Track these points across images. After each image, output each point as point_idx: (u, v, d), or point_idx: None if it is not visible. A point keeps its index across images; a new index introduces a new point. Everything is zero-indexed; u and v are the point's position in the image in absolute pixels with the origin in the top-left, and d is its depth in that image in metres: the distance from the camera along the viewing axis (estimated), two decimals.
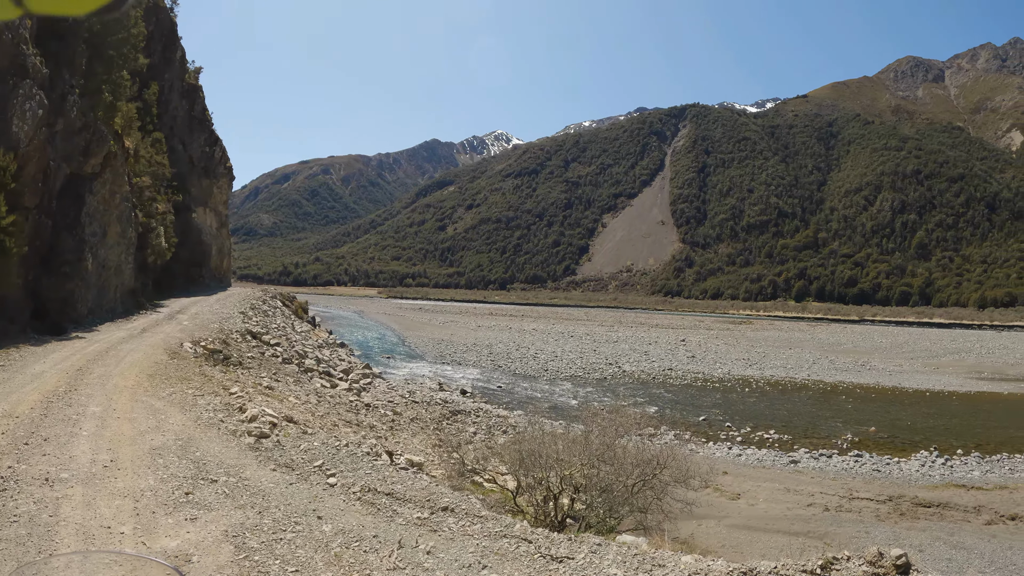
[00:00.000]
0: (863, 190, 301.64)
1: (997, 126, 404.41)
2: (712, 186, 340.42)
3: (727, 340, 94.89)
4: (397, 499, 10.39)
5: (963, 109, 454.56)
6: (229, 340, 26.74)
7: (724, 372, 59.70)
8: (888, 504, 24.17)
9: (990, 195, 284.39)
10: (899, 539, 20.06)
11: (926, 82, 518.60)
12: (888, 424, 39.82)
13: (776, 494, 24.50)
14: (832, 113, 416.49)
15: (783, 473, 28.05)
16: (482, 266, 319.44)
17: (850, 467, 29.52)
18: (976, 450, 33.87)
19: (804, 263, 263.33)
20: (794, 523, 21.33)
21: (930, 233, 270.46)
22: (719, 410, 41.64)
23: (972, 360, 79.47)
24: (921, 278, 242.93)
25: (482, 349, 69.50)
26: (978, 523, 22.94)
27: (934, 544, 20.11)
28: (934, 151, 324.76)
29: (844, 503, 23.94)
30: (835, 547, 18.04)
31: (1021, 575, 18.19)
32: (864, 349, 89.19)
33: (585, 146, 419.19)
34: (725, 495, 23.86)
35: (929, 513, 23.54)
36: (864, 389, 54.07)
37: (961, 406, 48.49)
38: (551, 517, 14.31)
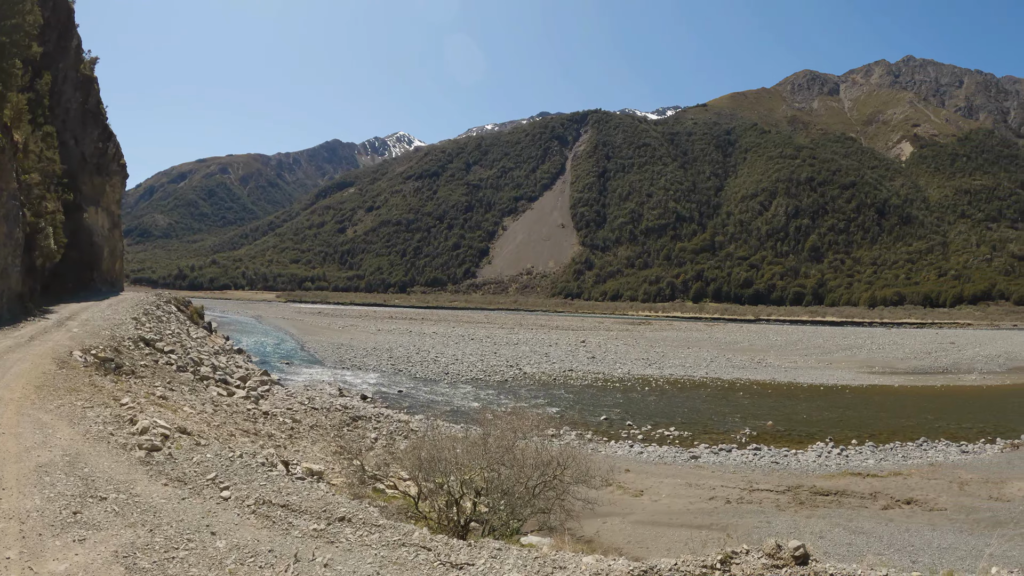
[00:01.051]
0: (759, 196, 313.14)
1: (888, 137, 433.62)
2: (612, 190, 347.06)
3: (627, 341, 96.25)
4: (293, 511, 10.04)
5: (856, 121, 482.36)
6: (121, 348, 25.58)
7: (624, 372, 60.46)
8: (788, 494, 24.92)
9: (880, 201, 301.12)
10: (799, 527, 20.69)
11: (822, 95, 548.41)
12: (785, 418, 41.20)
13: (678, 489, 24.91)
14: (730, 122, 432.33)
15: (684, 469, 28.58)
16: (382, 269, 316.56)
17: (749, 460, 30.35)
18: (870, 440, 35.53)
19: (701, 265, 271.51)
20: (697, 516, 21.72)
21: (823, 237, 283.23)
22: (620, 409, 42.12)
23: (863, 356, 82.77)
24: (814, 279, 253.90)
25: (382, 353, 68.65)
26: (875, 508, 23.89)
27: (834, 530, 20.79)
28: (827, 160, 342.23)
29: (745, 495, 24.54)
30: (737, 538, 18.43)
31: (918, 556, 18.98)
32: (760, 347, 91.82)
33: (487, 149, 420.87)
34: (628, 492, 24.09)
35: (828, 501, 24.38)
36: (761, 385, 55.71)
37: (854, 399, 50.52)
38: (454, 522, 14.12)
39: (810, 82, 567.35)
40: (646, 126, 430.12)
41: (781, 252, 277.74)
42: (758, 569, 8.35)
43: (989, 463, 31.38)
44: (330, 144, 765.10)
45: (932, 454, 32.85)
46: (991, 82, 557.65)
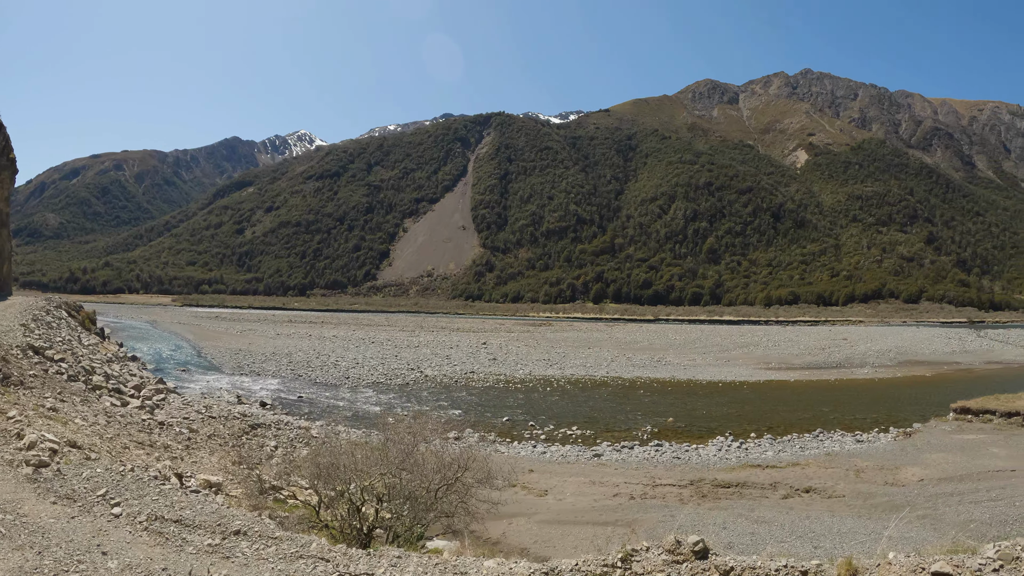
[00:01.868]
0: (658, 199, 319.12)
1: (784, 145, 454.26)
2: (514, 193, 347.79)
3: (528, 342, 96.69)
4: (187, 526, 9.61)
5: (754, 129, 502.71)
6: (8, 356, 24.25)
7: (526, 373, 60.72)
8: (690, 488, 25.36)
9: (775, 206, 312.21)
10: (703, 519, 20.96)
11: (722, 103, 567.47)
12: (685, 414, 42.04)
13: (583, 487, 25.03)
14: (632, 127, 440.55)
15: (588, 467, 28.76)
16: (281, 271, 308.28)
17: (652, 456, 30.75)
18: (768, 432, 36.64)
19: (601, 267, 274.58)
20: (602, 513, 21.83)
21: (720, 239, 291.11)
22: (522, 410, 42.27)
23: (760, 352, 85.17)
24: (712, 280, 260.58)
25: (282, 358, 67.27)
26: (775, 498, 24.59)
27: (737, 521, 21.19)
28: (726, 166, 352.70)
29: (648, 490, 24.84)
30: (642, 533, 18.57)
31: (820, 542, 19.50)
32: (660, 346, 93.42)
33: (389, 150, 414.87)
34: (533, 492, 24.09)
35: (729, 493, 24.92)
36: (661, 383, 56.73)
37: (752, 394, 52.03)
38: (357, 529, 13.81)
39: (711, 91, 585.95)
40: (549, 130, 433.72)
41: (680, 254, 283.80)
42: (659, 566, 8.36)
43: (884, 451, 32.73)
44: (229, 142, 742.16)
45: (829, 444, 34.12)
46: (884, 95, 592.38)
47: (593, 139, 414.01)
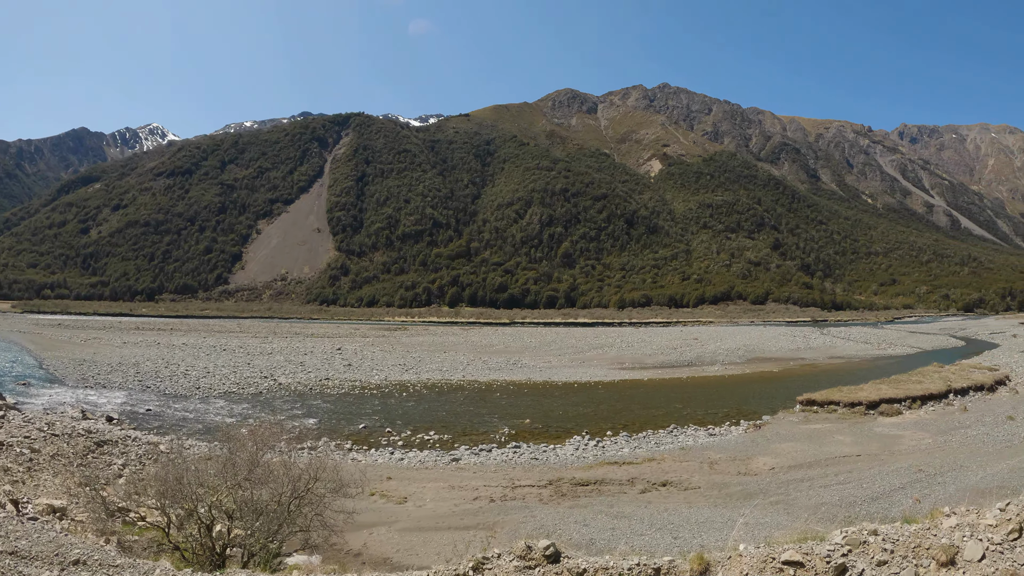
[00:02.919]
0: (515, 204, 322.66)
1: (640, 155, 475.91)
2: (370, 195, 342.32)
3: (383, 347, 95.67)
4: (23, 558, 8.80)
5: (611, 139, 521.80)
6: None
7: (382, 378, 59.96)
8: (550, 487, 25.49)
9: (629, 212, 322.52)
10: (564, 518, 21.10)
11: (581, 112, 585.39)
12: (542, 415, 42.42)
13: (442, 492, 24.76)
14: (491, 132, 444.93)
15: (447, 471, 28.50)
16: (129, 275, 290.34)
17: (510, 458, 30.86)
18: (624, 430, 37.42)
19: (457, 271, 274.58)
20: (463, 518, 21.63)
21: (575, 244, 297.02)
22: (379, 416, 41.58)
23: (614, 353, 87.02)
24: (567, 283, 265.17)
25: (129, 368, 63.88)
26: (634, 493, 25.05)
27: (597, 517, 21.38)
28: (582, 173, 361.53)
29: (508, 492, 24.82)
30: (503, 536, 18.56)
31: (679, 532, 19.94)
32: (515, 349, 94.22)
33: (245, 147, 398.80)
34: (392, 500, 23.63)
35: (588, 490, 25.19)
36: (517, 385, 57.12)
37: (607, 393, 53.07)
38: (210, 549, 13.08)
39: (571, 100, 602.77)
40: (408, 132, 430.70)
41: (535, 258, 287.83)
42: (511, 572, 8.24)
43: (736, 443, 34.06)
44: (77, 132, 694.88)
45: (683, 439, 35.26)
46: (737, 111, 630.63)
47: (452, 143, 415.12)
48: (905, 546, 8.46)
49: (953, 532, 8.65)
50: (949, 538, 8.49)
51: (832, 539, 8.60)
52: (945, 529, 8.79)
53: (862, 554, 8.23)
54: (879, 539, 8.53)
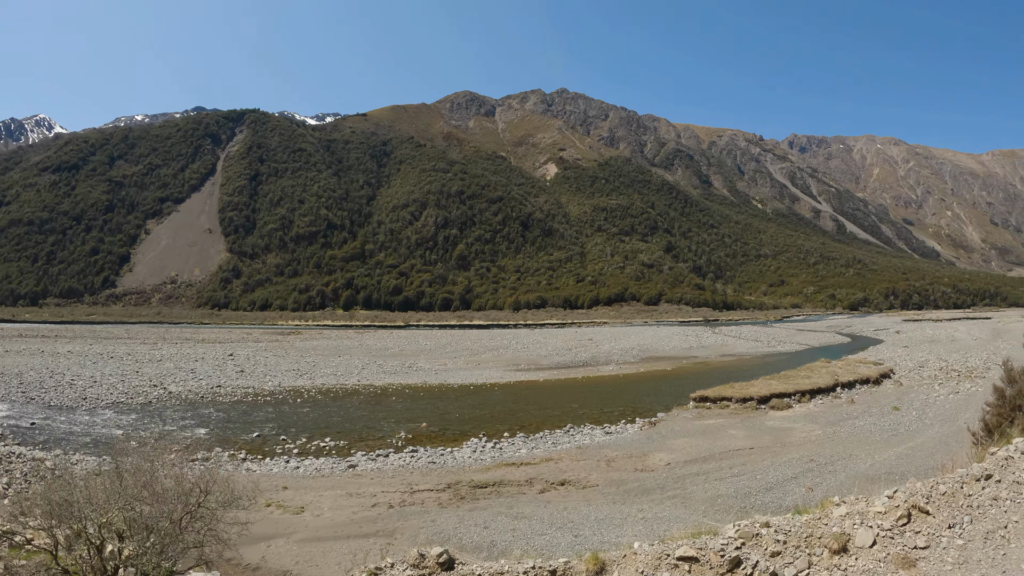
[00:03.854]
0: (410, 206, 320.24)
1: (536, 158, 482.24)
2: (263, 195, 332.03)
3: (276, 352, 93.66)
4: None
5: (508, 142, 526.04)
6: None
7: (275, 384, 58.65)
8: (448, 491, 25.41)
9: (525, 215, 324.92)
10: (464, 521, 21.05)
11: (479, 115, 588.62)
12: (438, 418, 42.28)
13: (340, 500, 24.38)
14: (388, 133, 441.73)
15: (344, 479, 28.05)
16: (11, 277, 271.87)
17: (407, 463, 30.60)
18: (521, 431, 37.70)
19: (351, 273, 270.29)
20: (362, 526, 21.33)
21: (470, 246, 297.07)
22: (273, 424, 40.61)
23: (510, 355, 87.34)
24: (462, 286, 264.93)
25: (11, 379, 60.57)
26: (533, 493, 25.20)
27: (497, 519, 21.41)
28: (478, 175, 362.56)
29: (407, 497, 24.62)
30: (404, 541, 18.45)
31: (579, 530, 20.12)
32: (410, 352, 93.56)
33: (135, 142, 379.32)
34: (289, 510, 23.11)
35: (487, 492, 25.23)
36: (413, 389, 56.77)
37: (503, 395, 53.26)
38: (100, 571, 12.52)
39: (469, 102, 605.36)
40: (304, 131, 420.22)
41: (430, 260, 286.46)
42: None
43: (632, 440, 34.69)
44: None
45: (579, 438, 35.70)
46: (633, 118, 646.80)
47: (348, 143, 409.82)
48: (798, 536, 8.67)
49: (844, 520, 8.93)
50: (840, 526, 8.76)
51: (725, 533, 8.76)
52: (836, 518, 9.06)
53: (755, 546, 8.41)
54: (771, 531, 8.72)
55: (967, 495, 9.16)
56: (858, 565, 7.81)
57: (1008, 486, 9.23)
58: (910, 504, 8.91)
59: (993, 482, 9.46)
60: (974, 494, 9.16)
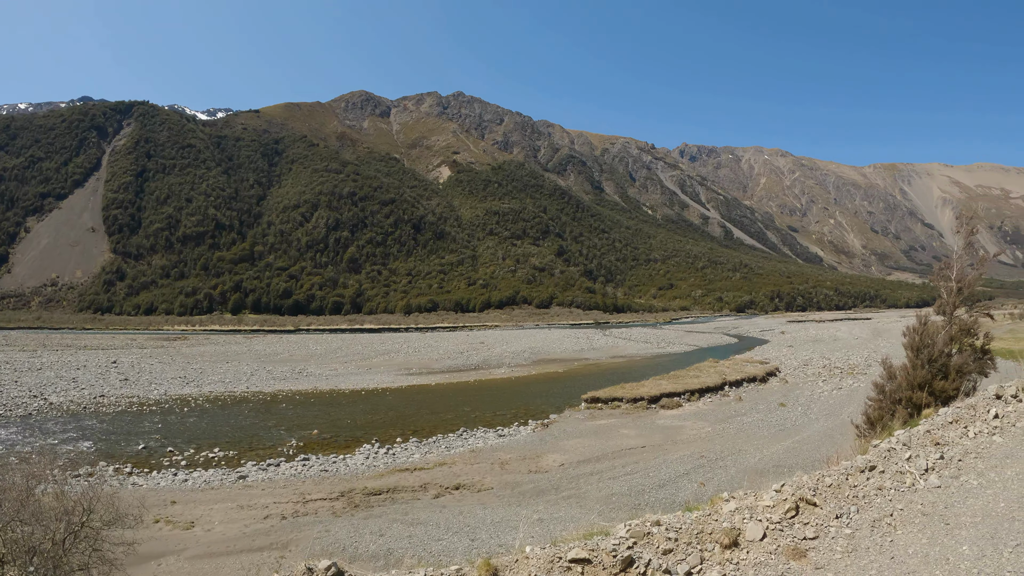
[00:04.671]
0: (301, 207, 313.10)
1: (430, 161, 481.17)
2: (150, 192, 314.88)
3: (162, 358, 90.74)
4: None
5: (402, 144, 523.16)
6: None
7: (161, 393, 56.80)
8: (342, 499, 25.10)
9: (417, 218, 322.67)
10: (359, 530, 20.79)
11: (373, 116, 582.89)
12: (330, 425, 41.76)
13: (231, 513, 23.75)
14: (281, 131, 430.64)
15: (234, 490, 27.33)
16: None
17: (299, 472, 30.08)
18: (414, 436, 37.57)
19: (240, 276, 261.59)
20: (255, 539, 20.81)
21: (361, 249, 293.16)
22: (160, 435, 39.24)
23: (402, 359, 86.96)
24: (352, 289, 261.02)
25: None
26: (427, 498, 25.13)
27: (393, 526, 21.21)
28: (371, 177, 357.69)
29: (300, 507, 24.19)
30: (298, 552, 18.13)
31: (476, 534, 20.14)
32: (300, 357, 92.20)
33: (17, 132, 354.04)
34: (179, 526, 22.37)
35: (382, 499, 25.03)
36: (303, 395, 55.92)
37: (395, 400, 52.98)
38: None
39: (364, 102, 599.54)
40: (194, 126, 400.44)
41: (321, 263, 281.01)
42: None
43: (525, 442, 35.00)
44: None
45: (473, 442, 35.89)
46: (528, 123, 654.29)
47: (240, 140, 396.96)
48: (689, 533, 8.87)
49: (733, 516, 9.18)
50: (730, 521, 9.01)
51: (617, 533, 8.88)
52: (726, 513, 9.31)
53: (648, 545, 8.54)
54: (663, 529, 8.89)
55: (853, 486, 9.57)
56: (749, 558, 8.05)
57: (892, 476, 9.68)
58: (798, 497, 9.24)
59: (877, 473, 9.91)
60: (859, 485, 9.57)
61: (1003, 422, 11.13)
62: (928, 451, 10.36)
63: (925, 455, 10.21)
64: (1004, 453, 9.72)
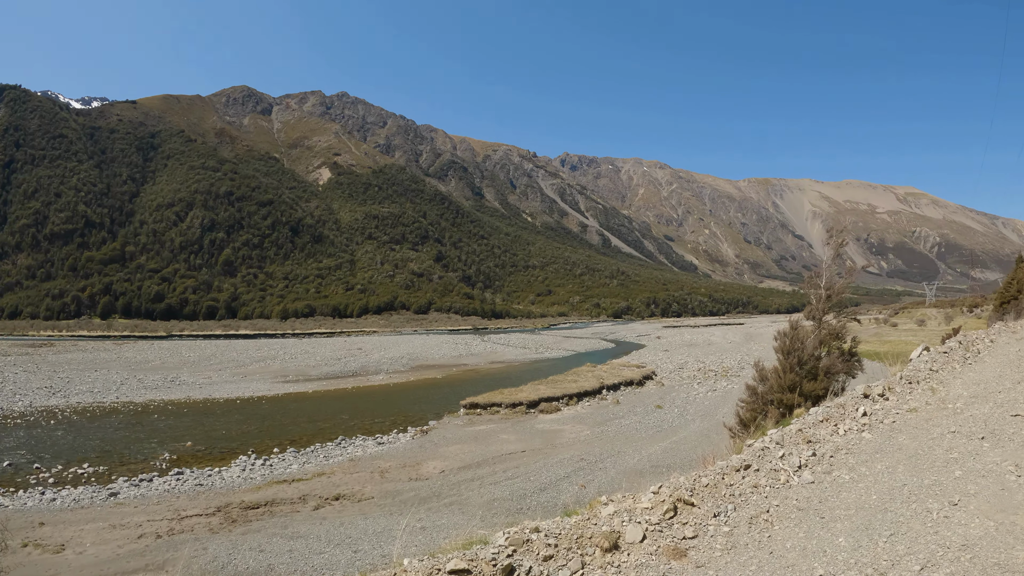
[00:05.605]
0: (175, 206, 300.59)
1: (310, 162, 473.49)
2: (17, 185, 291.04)
3: (27, 367, 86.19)
4: None
5: (283, 143, 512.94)
6: None
7: (26, 404, 53.93)
8: (219, 515, 24.43)
9: (295, 220, 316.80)
10: (237, 546, 20.34)
11: (255, 113, 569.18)
12: (204, 436, 40.61)
13: (103, 534, 22.74)
14: (158, 125, 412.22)
15: (106, 509, 26.13)
16: None
17: (173, 487, 29.07)
18: (291, 446, 36.99)
19: (110, 278, 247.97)
20: (130, 560, 20.03)
21: (237, 251, 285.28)
22: (25, 451, 37.18)
23: (278, 366, 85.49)
24: (227, 293, 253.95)
25: None
26: (307, 510, 24.75)
27: (272, 541, 20.84)
28: (249, 176, 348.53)
29: (175, 525, 23.39)
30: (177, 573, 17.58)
31: (359, 545, 20.10)
32: (173, 364, 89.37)
33: None
34: (48, 549, 21.29)
35: (260, 513, 24.49)
36: (176, 405, 54.14)
37: (272, 408, 51.98)
38: None
39: (246, 98, 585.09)
40: (67, 115, 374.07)
41: (195, 265, 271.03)
42: None
43: (404, 450, 35.03)
44: None
45: (352, 450, 35.66)
46: (411, 127, 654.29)
47: (114, 132, 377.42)
48: (569, 538, 9.06)
49: (613, 519, 9.42)
50: (609, 525, 9.24)
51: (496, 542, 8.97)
52: (604, 517, 9.55)
53: (528, 552, 8.68)
54: (542, 535, 9.04)
55: (729, 485, 9.98)
56: (631, 560, 8.27)
57: (767, 474, 10.15)
58: (675, 498, 9.56)
59: (752, 471, 10.36)
60: (735, 483, 9.99)
61: (871, 419, 11.80)
62: (801, 449, 10.89)
63: (798, 453, 10.73)
64: (873, 448, 10.31)
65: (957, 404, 11.76)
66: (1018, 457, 8.83)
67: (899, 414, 11.86)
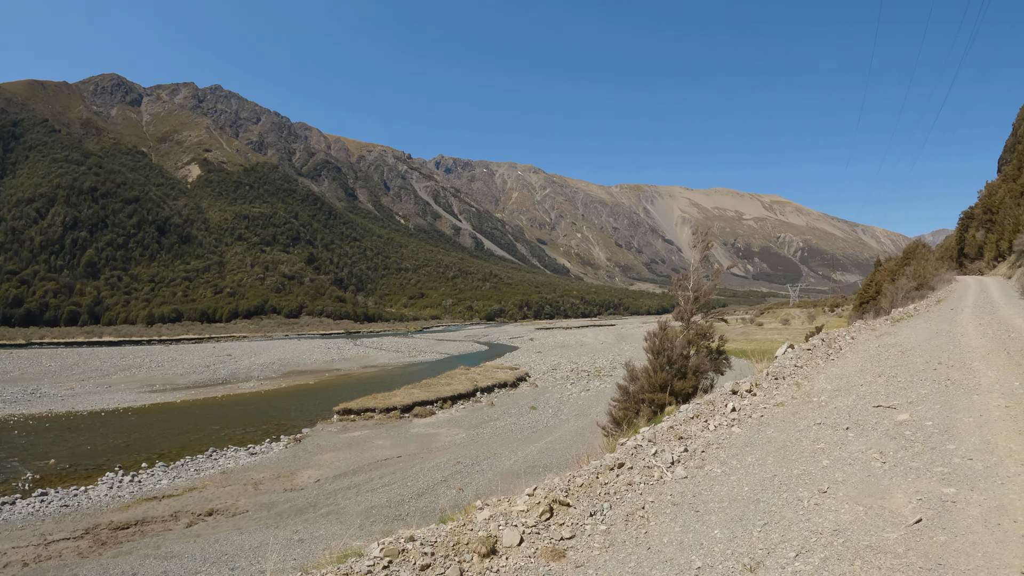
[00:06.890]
0: (36, 201, 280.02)
1: (179, 158, 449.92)
2: None
3: None
4: None
5: (152, 137, 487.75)
6: None
7: None
8: (87, 538, 23.36)
9: (162, 219, 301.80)
10: (108, 571, 19.55)
11: (124, 104, 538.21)
12: (68, 452, 38.67)
13: None
14: (21, 112, 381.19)
15: None
16: None
17: (37, 509, 27.49)
18: (160, 460, 35.58)
19: None
20: None
21: (100, 252, 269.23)
22: None
23: (144, 375, 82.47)
24: (90, 296, 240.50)
25: None
26: (180, 528, 24.00)
27: (145, 563, 20.14)
28: (115, 171, 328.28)
29: (42, 551, 22.19)
30: None
31: (236, 561, 19.65)
32: (33, 375, 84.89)
33: None
34: None
35: (131, 534, 23.55)
36: (37, 419, 51.37)
37: (138, 420, 50.02)
38: None
39: (115, 87, 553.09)
40: None
41: (55, 267, 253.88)
42: None
43: (278, 459, 34.38)
44: None
45: (223, 462, 34.74)
46: (285, 124, 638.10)
47: None
48: (445, 545, 9.16)
49: (489, 523, 9.58)
50: (486, 529, 9.39)
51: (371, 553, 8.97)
52: (480, 522, 9.69)
53: (404, 562, 8.73)
54: (418, 544, 9.11)
55: (604, 484, 10.27)
56: (509, 564, 8.43)
57: (640, 471, 10.49)
58: (550, 499, 9.78)
59: (626, 469, 10.68)
60: (610, 482, 10.29)
61: (740, 414, 12.33)
62: (673, 445, 11.30)
63: (670, 449, 11.13)
64: (743, 442, 10.78)
65: (822, 397, 12.41)
66: (882, 445, 9.40)
67: (767, 408, 12.44)
